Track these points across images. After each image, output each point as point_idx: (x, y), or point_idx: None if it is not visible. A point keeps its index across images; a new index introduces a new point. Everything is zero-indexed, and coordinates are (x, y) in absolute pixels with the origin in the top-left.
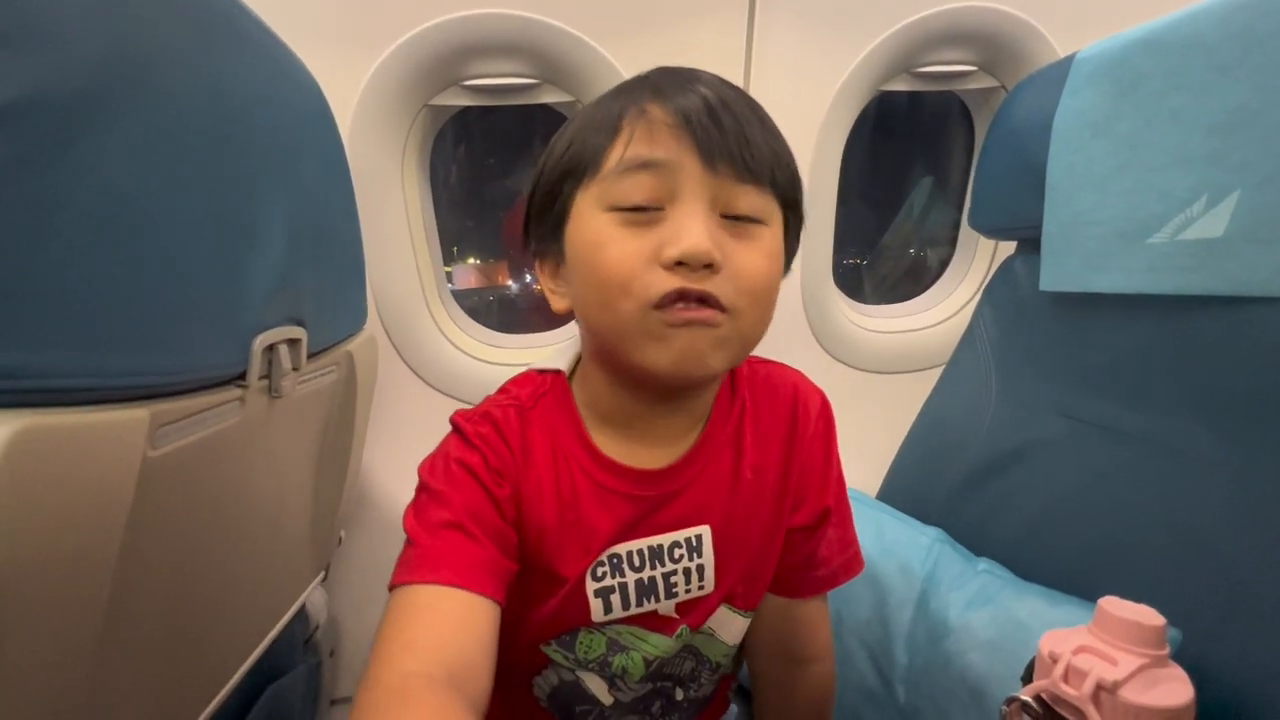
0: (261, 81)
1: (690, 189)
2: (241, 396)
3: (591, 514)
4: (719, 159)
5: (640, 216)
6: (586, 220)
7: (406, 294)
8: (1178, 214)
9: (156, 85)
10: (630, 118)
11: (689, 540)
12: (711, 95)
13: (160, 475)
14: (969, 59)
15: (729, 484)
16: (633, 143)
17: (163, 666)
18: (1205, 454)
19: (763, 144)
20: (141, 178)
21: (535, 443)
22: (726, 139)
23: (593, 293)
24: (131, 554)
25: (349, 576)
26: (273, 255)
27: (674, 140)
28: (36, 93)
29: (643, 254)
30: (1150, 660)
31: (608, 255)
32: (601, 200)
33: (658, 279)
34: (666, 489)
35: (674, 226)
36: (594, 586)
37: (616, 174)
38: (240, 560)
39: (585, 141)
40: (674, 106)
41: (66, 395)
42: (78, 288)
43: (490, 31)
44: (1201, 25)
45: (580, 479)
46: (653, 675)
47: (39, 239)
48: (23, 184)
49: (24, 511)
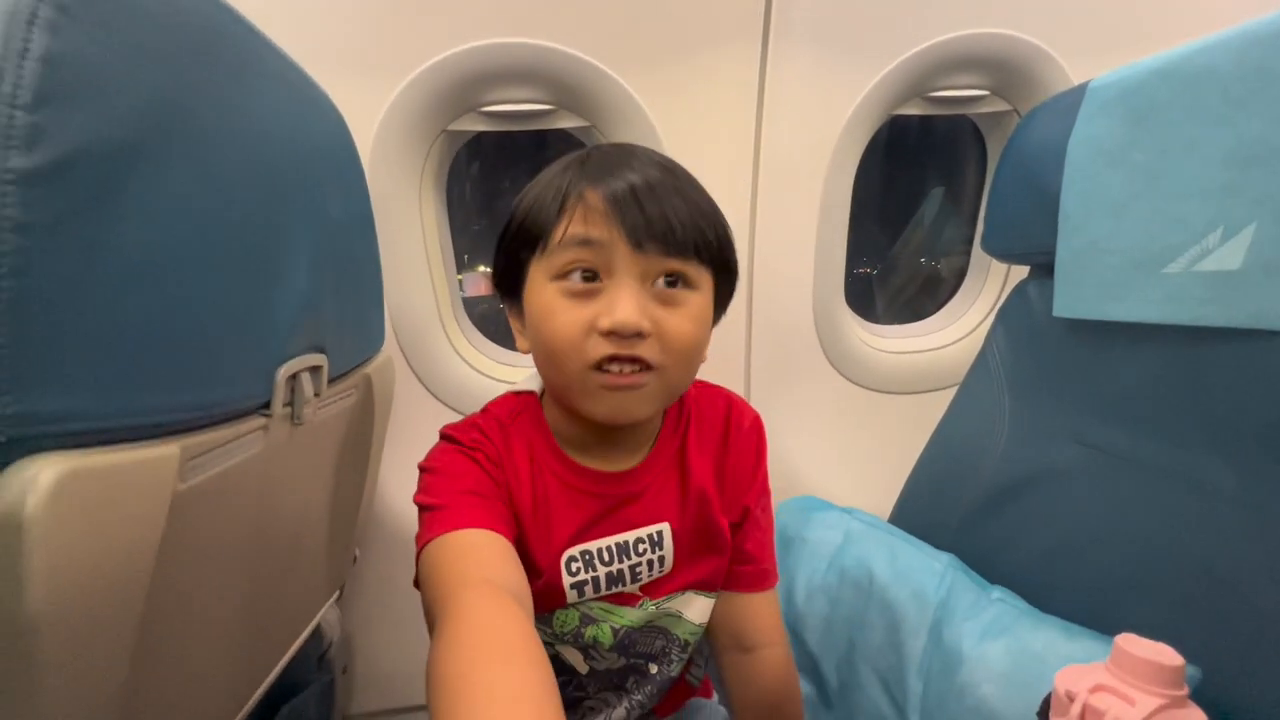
0: (289, 117)
1: (621, 266)
2: (265, 425)
3: (560, 510)
4: (644, 239)
5: (581, 288)
6: (538, 289)
7: (422, 315)
8: (1194, 245)
9: (194, 130)
10: (571, 200)
11: (651, 536)
12: (639, 180)
13: (189, 506)
14: (982, 84)
15: (679, 488)
16: (572, 223)
17: (187, 690)
18: (1222, 487)
19: (687, 222)
20: (178, 221)
21: (515, 449)
22: (651, 223)
23: (543, 352)
24: (160, 584)
25: (363, 593)
26: (297, 286)
27: (605, 222)
28: (84, 147)
29: (582, 323)
30: (1169, 701)
31: (555, 324)
32: (549, 271)
33: (594, 345)
34: (626, 490)
35: (608, 300)
36: (569, 580)
37: (559, 249)
38: (261, 582)
39: (535, 218)
40: (605, 192)
41: (104, 435)
42: (116, 331)
43: (508, 60)
44: (1217, 58)
45: (551, 480)
46: (622, 647)
47: (83, 286)
48: (70, 235)
49: (63, 551)
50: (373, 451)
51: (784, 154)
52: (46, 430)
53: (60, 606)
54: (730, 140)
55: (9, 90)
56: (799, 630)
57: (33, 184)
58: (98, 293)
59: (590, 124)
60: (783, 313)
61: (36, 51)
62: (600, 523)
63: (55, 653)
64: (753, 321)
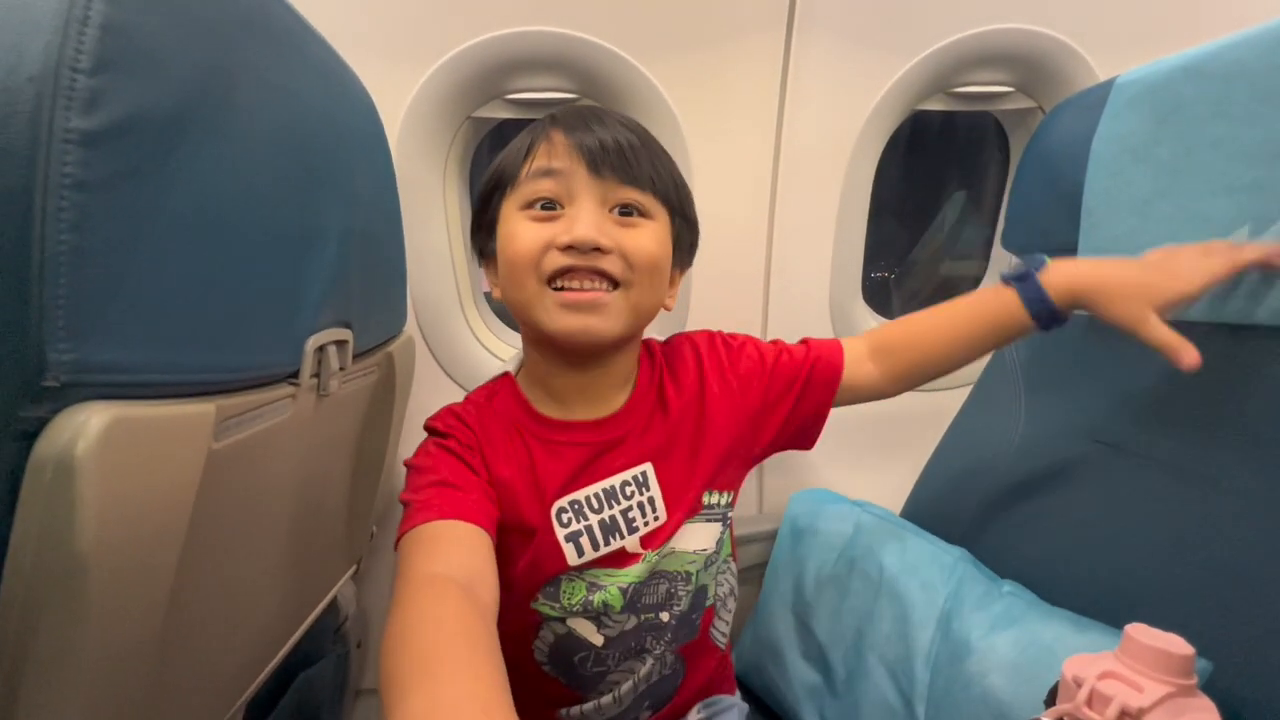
0: (322, 95)
1: (581, 190)
2: (293, 394)
3: (544, 465)
4: (602, 166)
5: (544, 214)
6: (507, 220)
7: (443, 298)
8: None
9: (238, 101)
10: (538, 140)
11: (636, 478)
12: (603, 131)
13: (221, 466)
14: (1007, 80)
15: (661, 429)
16: (537, 157)
17: (211, 651)
18: (1239, 484)
19: (644, 159)
20: (222, 189)
21: (493, 425)
22: (608, 153)
23: (507, 274)
24: (194, 539)
25: (378, 571)
26: (327, 261)
27: (568, 155)
28: (139, 112)
29: (541, 241)
30: (1177, 689)
31: (516, 244)
32: (516, 202)
33: (551, 259)
34: (608, 436)
35: (568, 220)
36: (562, 532)
37: (525, 181)
38: (284, 550)
39: (506, 161)
40: (569, 130)
41: (148, 389)
42: (163, 290)
43: (533, 48)
44: (1244, 54)
45: (532, 442)
46: (632, 605)
47: (134, 246)
48: (123, 196)
49: (110, 494)
50: (392, 430)
51: (805, 147)
52: (97, 379)
53: (106, 547)
54: (752, 132)
55: (71, 54)
56: (807, 620)
57: (91, 145)
58: (147, 252)
59: None
60: (799, 306)
61: (97, 19)
62: (585, 471)
63: (99, 591)
64: (769, 314)
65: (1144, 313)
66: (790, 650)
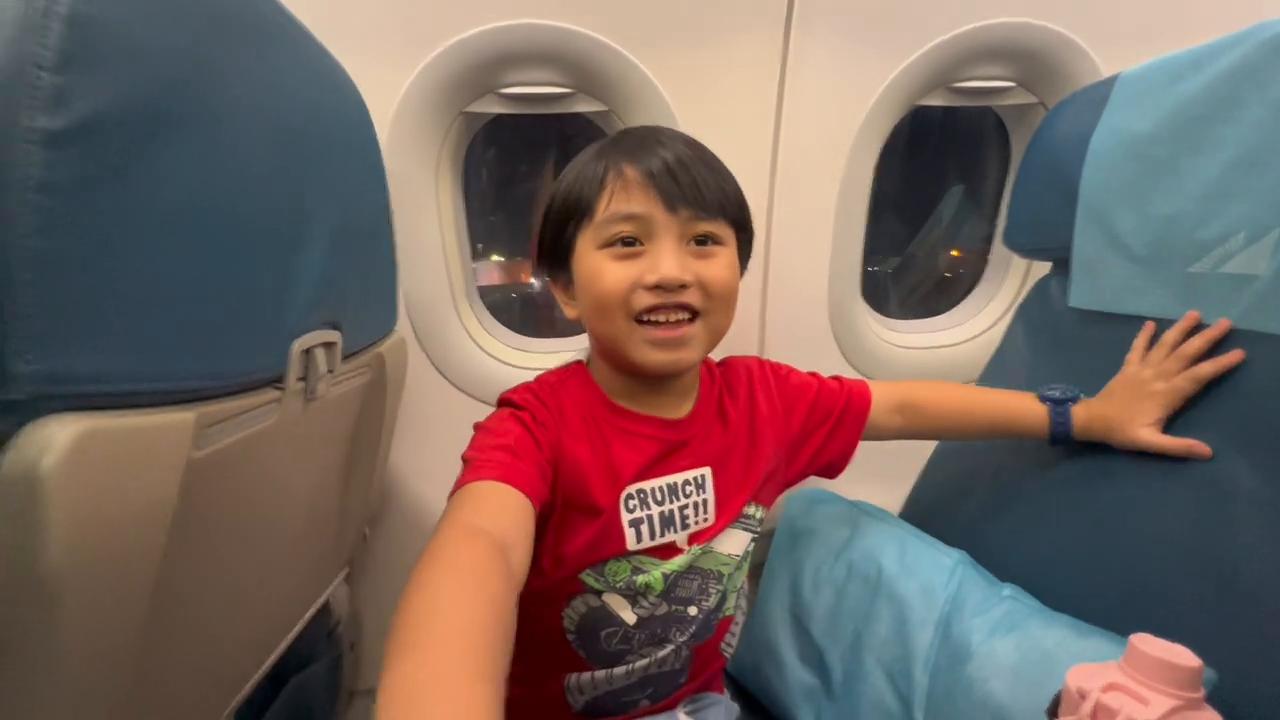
0: (310, 90)
1: (661, 230)
2: (279, 399)
3: (620, 452)
4: (678, 204)
5: (625, 251)
6: (586, 256)
7: (436, 297)
8: (1218, 246)
9: (217, 98)
10: (610, 177)
11: (695, 479)
12: (669, 155)
13: (202, 475)
14: (1008, 75)
15: (721, 439)
16: (614, 199)
17: (198, 657)
18: (1243, 488)
19: (712, 187)
20: (201, 189)
21: (568, 408)
22: (682, 189)
23: (593, 310)
24: (174, 550)
25: (371, 573)
26: (314, 260)
27: (645, 196)
28: (105, 112)
29: (628, 280)
30: (1184, 703)
31: (604, 283)
32: (595, 241)
33: (639, 298)
34: (679, 435)
35: (651, 259)
36: (628, 518)
37: (605, 223)
38: (272, 555)
39: (579, 194)
40: (641, 168)
41: (121, 399)
42: (137, 295)
43: (528, 41)
44: (1252, 55)
45: (608, 430)
46: (668, 592)
47: (106, 251)
48: (93, 199)
49: (80, 509)
50: (384, 431)
51: (804, 143)
52: (65, 390)
53: (78, 561)
54: (749, 128)
55: (34, 50)
56: (804, 621)
57: (57, 145)
58: (121, 257)
59: (609, 109)
60: (797, 303)
61: (62, 12)
62: (657, 465)
63: (74, 604)
64: (767, 311)
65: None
66: (787, 652)
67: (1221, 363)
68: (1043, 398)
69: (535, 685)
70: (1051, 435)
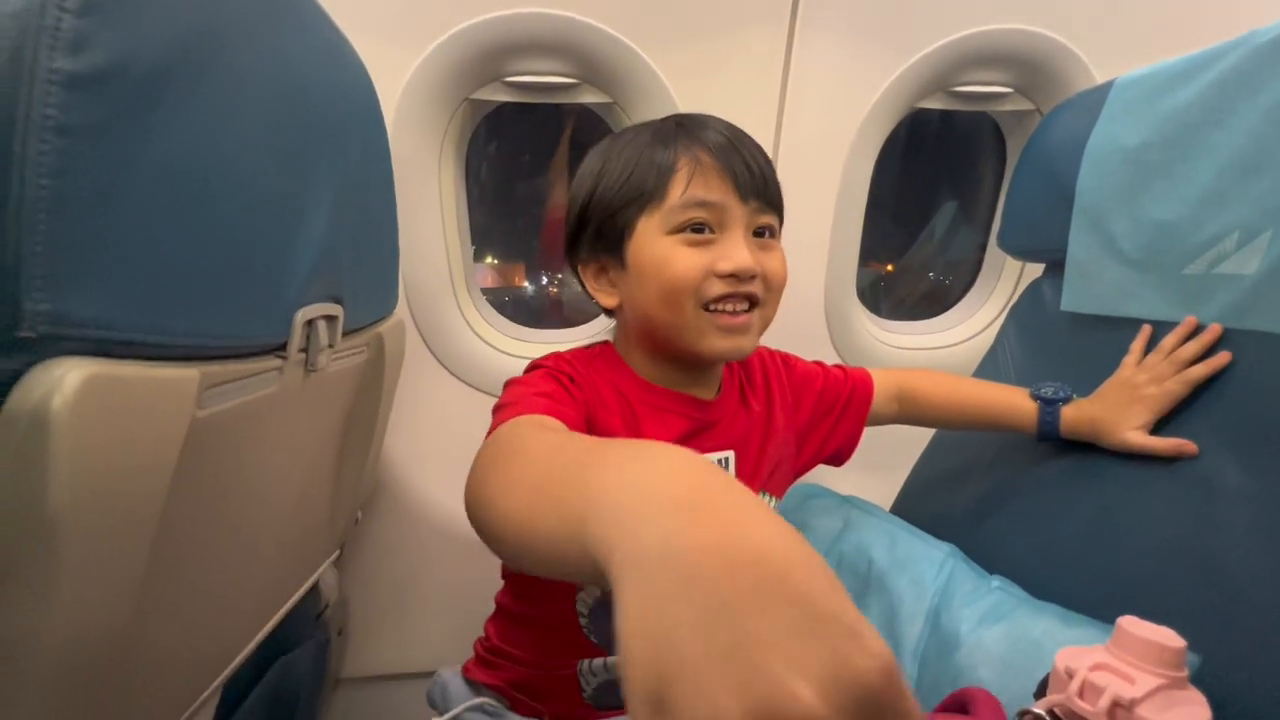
0: (317, 62)
1: (734, 220)
2: (280, 367)
3: (650, 427)
4: (749, 195)
5: (697, 238)
6: (651, 241)
7: (435, 282)
8: (1211, 248)
9: (227, 59)
10: (684, 160)
11: (720, 460)
12: (740, 146)
13: (204, 435)
14: (1005, 81)
15: (744, 424)
16: (691, 184)
17: (190, 624)
18: (1230, 484)
19: (772, 180)
20: (208, 148)
21: (598, 380)
22: (755, 180)
23: (658, 295)
24: (172, 509)
25: (362, 558)
26: (317, 232)
27: (721, 185)
28: (122, 60)
29: (700, 267)
30: (1169, 681)
31: (676, 268)
32: (664, 224)
33: (710, 286)
34: (709, 416)
35: (725, 248)
36: None
37: (680, 208)
38: (266, 528)
39: (644, 177)
40: (718, 155)
41: (129, 349)
42: (146, 247)
43: (534, 30)
44: (1246, 64)
45: (637, 405)
46: None
47: (116, 198)
48: (104, 145)
49: (85, 453)
50: (380, 412)
51: (804, 140)
52: (74, 333)
53: (81, 505)
54: (751, 124)
55: None
56: None
57: (75, 87)
58: (130, 205)
59: (613, 100)
60: (793, 301)
61: None
62: (685, 442)
63: (75, 548)
64: None
65: (1137, 437)
66: None
67: (1213, 364)
68: (1035, 395)
69: (550, 669)
70: (1039, 433)
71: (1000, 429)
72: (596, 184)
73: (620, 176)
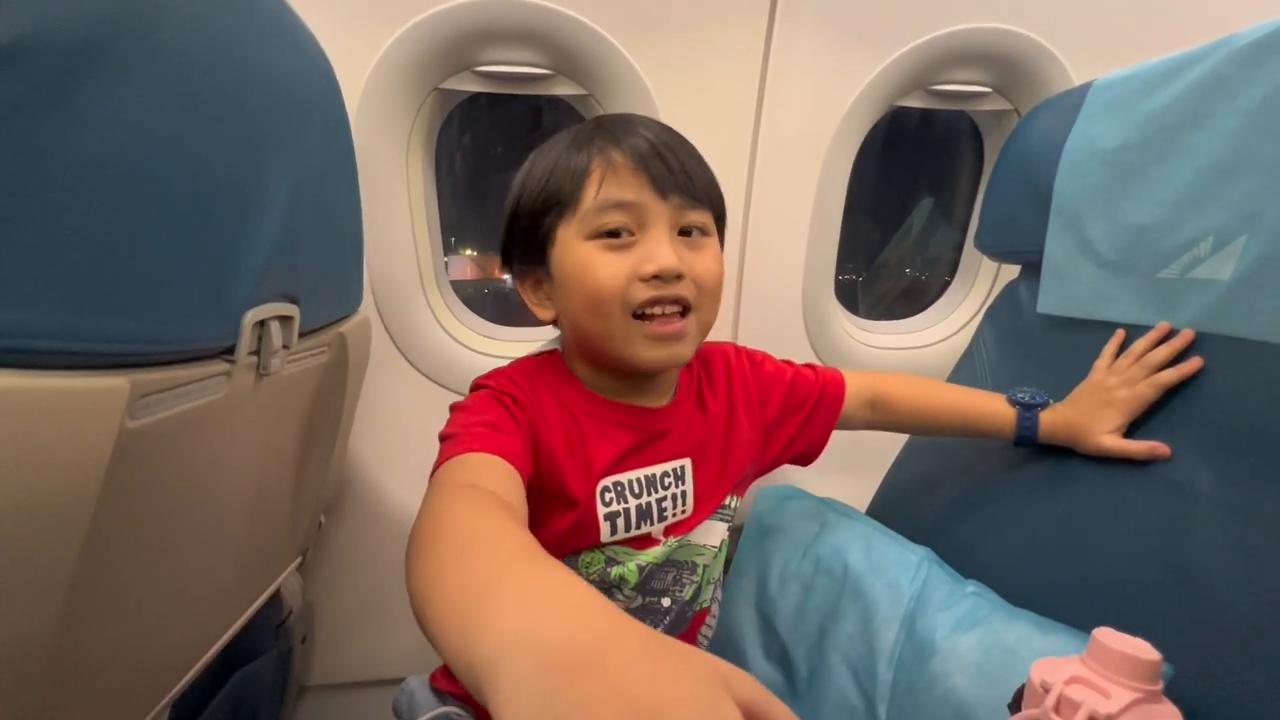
0: (270, 47)
1: (654, 218)
2: (228, 371)
3: (595, 442)
4: (670, 191)
5: (616, 242)
6: (571, 248)
7: (404, 278)
8: (1186, 252)
9: (162, 39)
10: (596, 162)
11: (675, 470)
12: (656, 140)
13: (138, 447)
14: (984, 80)
15: (701, 429)
16: (604, 186)
17: (129, 646)
18: (1205, 490)
19: (698, 174)
20: (139, 133)
21: (542, 396)
22: (674, 175)
23: (583, 304)
24: (103, 528)
25: (327, 562)
26: (270, 228)
27: (636, 183)
28: (38, 35)
29: (623, 272)
30: (1144, 695)
31: (597, 275)
32: (581, 231)
33: (636, 290)
34: (658, 425)
35: (647, 249)
36: (603, 511)
37: (594, 212)
38: (217, 539)
39: (560, 183)
40: (629, 150)
41: (44, 358)
42: (64, 244)
43: (506, 18)
44: (1223, 66)
45: (583, 419)
46: (644, 585)
47: (29, 189)
48: (18, 129)
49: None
50: (344, 415)
51: (783, 137)
52: None
53: None
54: (730, 119)
55: None
56: (770, 617)
57: None
58: (45, 198)
59: (588, 92)
60: (771, 299)
61: None
62: (634, 455)
63: None
64: (741, 306)
65: (1112, 440)
66: (752, 647)
67: (1184, 369)
68: (1012, 400)
69: None
70: (1017, 438)
71: (977, 434)
72: (521, 193)
73: (539, 184)
